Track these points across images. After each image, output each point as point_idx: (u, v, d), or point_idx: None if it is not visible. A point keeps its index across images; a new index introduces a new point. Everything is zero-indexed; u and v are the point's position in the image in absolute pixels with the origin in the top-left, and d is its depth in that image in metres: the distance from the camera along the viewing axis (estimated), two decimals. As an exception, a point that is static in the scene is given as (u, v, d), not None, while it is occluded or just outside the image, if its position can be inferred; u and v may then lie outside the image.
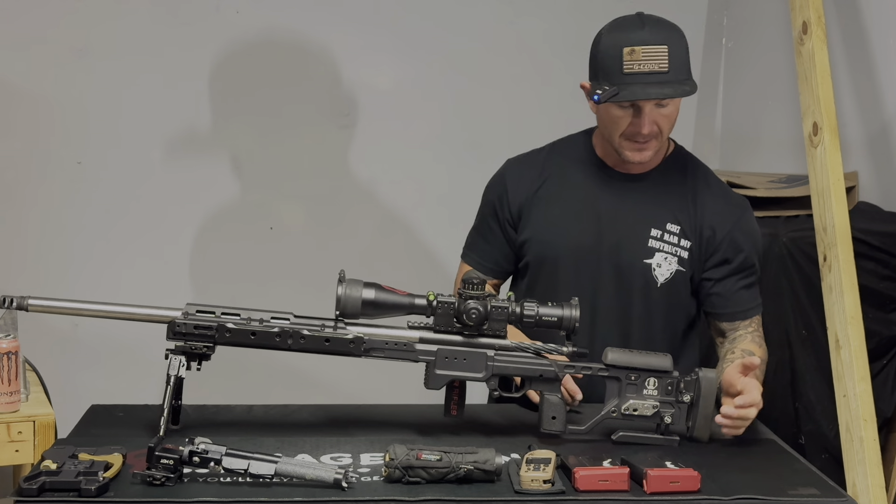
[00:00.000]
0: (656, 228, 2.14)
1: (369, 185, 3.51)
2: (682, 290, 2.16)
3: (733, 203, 2.20)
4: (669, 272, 2.14)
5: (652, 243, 2.13)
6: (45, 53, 3.15)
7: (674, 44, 2.02)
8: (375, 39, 3.43)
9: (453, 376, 1.84)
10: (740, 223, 2.16)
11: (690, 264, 2.14)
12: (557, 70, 3.47)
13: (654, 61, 1.99)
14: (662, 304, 2.15)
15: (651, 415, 1.86)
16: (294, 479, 1.60)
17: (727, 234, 2.14)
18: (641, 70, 1.99)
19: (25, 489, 1.52)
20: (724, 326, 2.18)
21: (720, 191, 2.21)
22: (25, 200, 3.20)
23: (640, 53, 1.99)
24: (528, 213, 2.19)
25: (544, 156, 2.24)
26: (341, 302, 1.78)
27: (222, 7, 3.28)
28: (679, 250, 2.14)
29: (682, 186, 2.17)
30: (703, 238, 2.14)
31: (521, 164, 2.26)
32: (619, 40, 2.02)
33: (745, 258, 2.15)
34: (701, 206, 2.15)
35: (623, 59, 2.00)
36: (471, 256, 2.30)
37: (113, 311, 1.80)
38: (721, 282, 2.15)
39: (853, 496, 2.28)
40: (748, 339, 2.13)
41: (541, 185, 2.20)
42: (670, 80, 2.00)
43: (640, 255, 2.13)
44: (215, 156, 3.36)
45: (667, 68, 1.99)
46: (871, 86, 2.90)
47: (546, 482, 1.62)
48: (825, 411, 2.60)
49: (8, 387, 2.17)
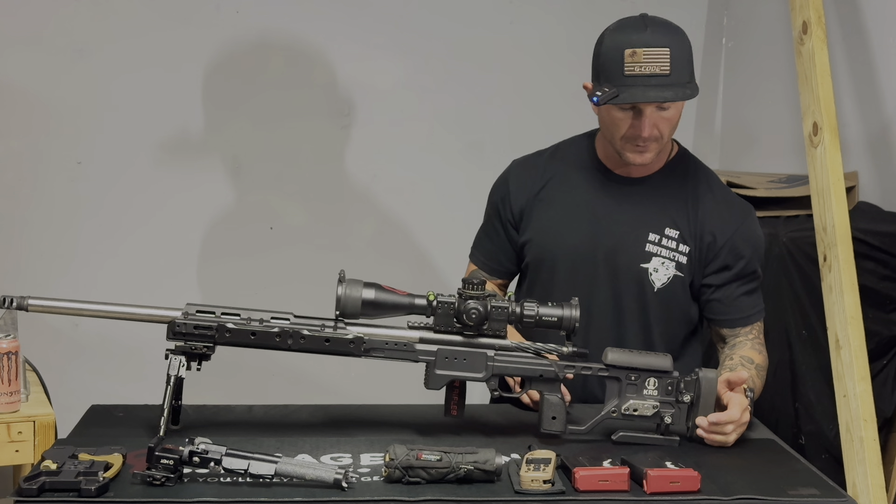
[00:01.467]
0: (654, 233, 2.13)
1: (369, 185, 3.51)
2: (680, 295, 2.14)
3: (736, 209, 2.17)
4: (667, 277, 2.13)
5: (649, 248, 2.12)
6: (45, 53, 3.15)
7: (676, 46, 2.00)
8: (375, 39, 3.43)
9: (453, 376, 1.84)
10: (742, 229, 2.14)
11: (689, 270, 2.13)
12: (558, 70, 3.47)
13: (656, 63, 1.98)
14: (659, 309, 2.14)
15: (651, 415, 1.86)
16: (294, 480, 1.60)
17: (728, 241, 2.12)
18: (642, 72, 1.98)
19: (25, 489, 1.52)
20: (724, 332, 2.17)
21: (723, 196, 2.19)
22: (25, 200, 3.20)
23: (641, 55, 1.98)
24: (529, 215, 2.19)
25: (546, 158, 2.24)
26: (341, 302, 1.78)
27: (222, 7, 3.28)
28: (677, 255, 2.12)
29: (683, 191, 2.15)
30: (703, 243, 2.12)
31: (524, 165, 2.25)
32: (621, 42, 2.00)
33: (746, 264, 2.13)
34: (702, 212, 2.13)
35: (624, 61, 1.98)
36: (477, 256, 2.30)
37: (113, 311, 1.80)
38: (721, 288, 2.14)
39: (853, 496, 2.28)
40: (748, 345, 2.12)
41: (542, 188, 2.19)
42: (672, 83, 1.99)
43: (637, 259, 2.12)
44: (215, 156, 3.36)
45: (668, 71, 1.98)
46: (871, 86, 2.90)
47: (546, 482, 1.62)
48: (825, 411, 2.61)
49: (8, 387, 2.17)
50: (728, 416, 1.85)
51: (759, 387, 2.07)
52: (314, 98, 3.41)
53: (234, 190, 3.39)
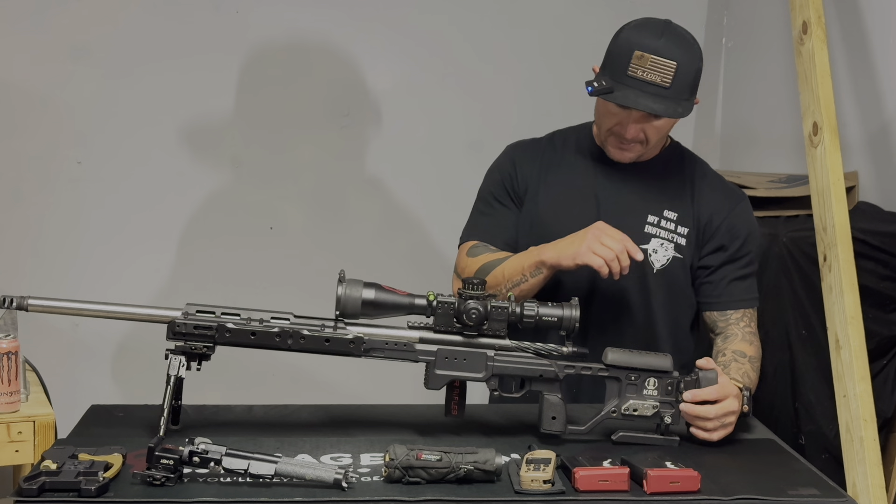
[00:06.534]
0: (653, 215, 2.16)
1: (369, 184, 3.51)
2: (680, 277, 2.17)
3: (730, 193, 2.23)
4: (666, 258, 2.15)
5: (648, 229, 2.15)
6: (45, 53, 3.15)
7: (685, 63, 2.02)
8: (376, 39, 3.43)
9: (453, 376, 1.84)
10: (737, 210, 2.19)
11: (688, 251, 2.16)
12: (558, 70, 3.47)
13: (659, 73, 2.00)
14: (660, 290, 2.16)
15: (651, 415, 1.86)
16: (294, 480, 1.60)
17: (724, 221, 2.16)
18: (643, 77, 2.00)
19: (25, 489, 1.52)
20: (714, 317, 2.18)
21: (717, 181, 2.24)
22: (25, 200, 3.20)
23: (648, 61, 2.00)
24: (534, 197, 2.21)
25: (545, 143, 2.27)
26: (341, 302, 1.78)
27: (222, 7, 3.28)
28: (676, 237, 2.16)
29: (680, 175, 2.20)
30: (700, 224, 2.16)
31: (524, 148, 2.28)
32: (635, 42, 2.02)
33: (741, 246, 2.16)
34: (699, 194, 2.18)
35: (630, 61, 2.01)
36: (472, 237, 2.23)
37: (113, 311, 1.80)
38: (716, 271, 2.17)
39: (853, 496, 2.28)
40: (739, 336, 2.13)
41: (541, 170, 2.21)
42: (667, 97, 2.01)
43: (636, 240, 2.12)
44: (215, 156, 3.37)
45: (668, 84, 2.00)
46: (871, 86, 2.90)
47: (546, 482, 1.62)
48: (825, 411, 2.60)
49: (8, 387, 2.18)
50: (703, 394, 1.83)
51: (755, 379, 2.09)
52: (314, 98, 3.41)
53: (234, 190, 3.39)
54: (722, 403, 1.85)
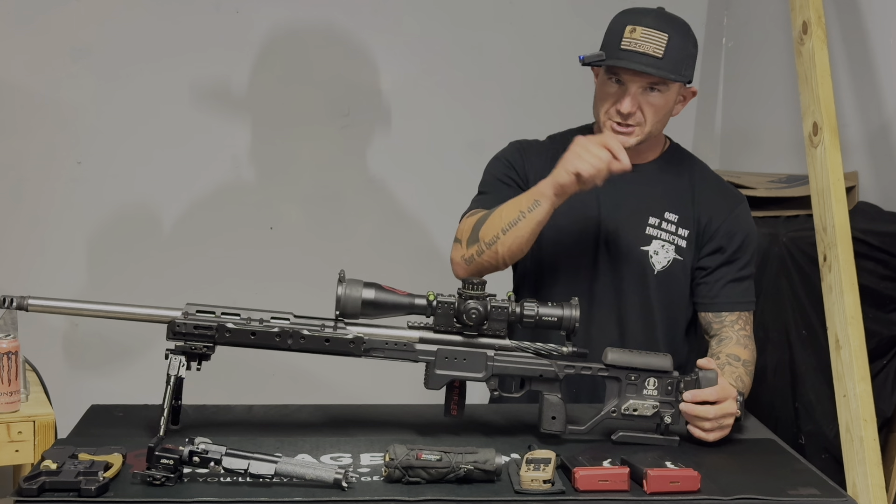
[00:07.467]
0: (654, 216, 2.16)
1: (369, 185, 3.51)
2: (681, 279, 2.17)
3: (730, 195, 2.24)
4: (667, 260, 2.15)
5: (649, 231, 2.16)
6: (45, 53, 3.15)
7: (677, 38, 2.04)
8: (376, 39, 3.43)
9: (453, 376, 1.84)
10: (737, 212, 2.19)
11: (689, 253, 2.16)
12: (558, 70, 3.47)
13: (651, 44, 2.03)
14: (661, 292, 2.16)
15: (651, 415, 1.86)
16: (294, 479, 1.60)
17: (723, 223, 2.17)
18: (636, 49, 2.03)
19: (25, 489, 1.52)
20: (709, 318, 2.18)
21: (717, 184, 2.25)
22: (26, 200, 3.20)
23: (639, 33, 2.03)
24: None
25: (546, 144, 2.27)
26: (341, 302, 1.78)
27: (222, 7, 3.28)
28: (677, 239, 2.16)
29: (680, 178, 2.21)
30: (700, 226, 2.17)
31: (529, 143, 2.28)
32: (628, 18, 2.07)
33: (739, 247, 2.17)
34: (699, 196, 2.18)
35: (623, 35, 2.04)
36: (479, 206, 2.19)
37: (113, 311, 1.80)
38: (713, 272, 2.17)
39: (853, 496, 2.28)
40: (734, 340, 2.13)
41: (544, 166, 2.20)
42: (660, 66, 2.02)
43: (638, 241, 2.14)
44: (215, 156, 3.36)
45: (661, 55, 2.02)
46: (871, 86, 2.91)
47: (546, 482, 1.62)
48: (825, 411, 2.60)
49: (8, 387, 2.18)
50: (703, 394, 1.83)
51: (748, 383, 2.09)
52: (314, 98, 3.41)
53: (235, 190, 3.39)
54: (721, 405, 1.85)
